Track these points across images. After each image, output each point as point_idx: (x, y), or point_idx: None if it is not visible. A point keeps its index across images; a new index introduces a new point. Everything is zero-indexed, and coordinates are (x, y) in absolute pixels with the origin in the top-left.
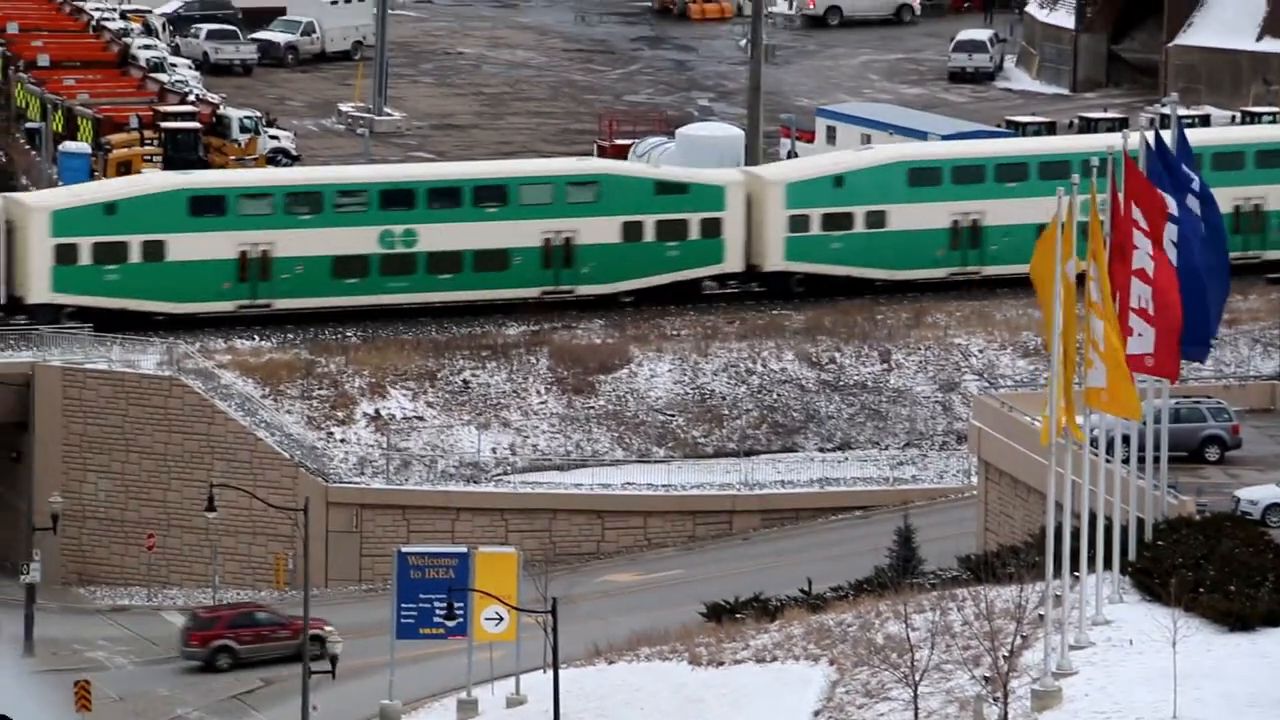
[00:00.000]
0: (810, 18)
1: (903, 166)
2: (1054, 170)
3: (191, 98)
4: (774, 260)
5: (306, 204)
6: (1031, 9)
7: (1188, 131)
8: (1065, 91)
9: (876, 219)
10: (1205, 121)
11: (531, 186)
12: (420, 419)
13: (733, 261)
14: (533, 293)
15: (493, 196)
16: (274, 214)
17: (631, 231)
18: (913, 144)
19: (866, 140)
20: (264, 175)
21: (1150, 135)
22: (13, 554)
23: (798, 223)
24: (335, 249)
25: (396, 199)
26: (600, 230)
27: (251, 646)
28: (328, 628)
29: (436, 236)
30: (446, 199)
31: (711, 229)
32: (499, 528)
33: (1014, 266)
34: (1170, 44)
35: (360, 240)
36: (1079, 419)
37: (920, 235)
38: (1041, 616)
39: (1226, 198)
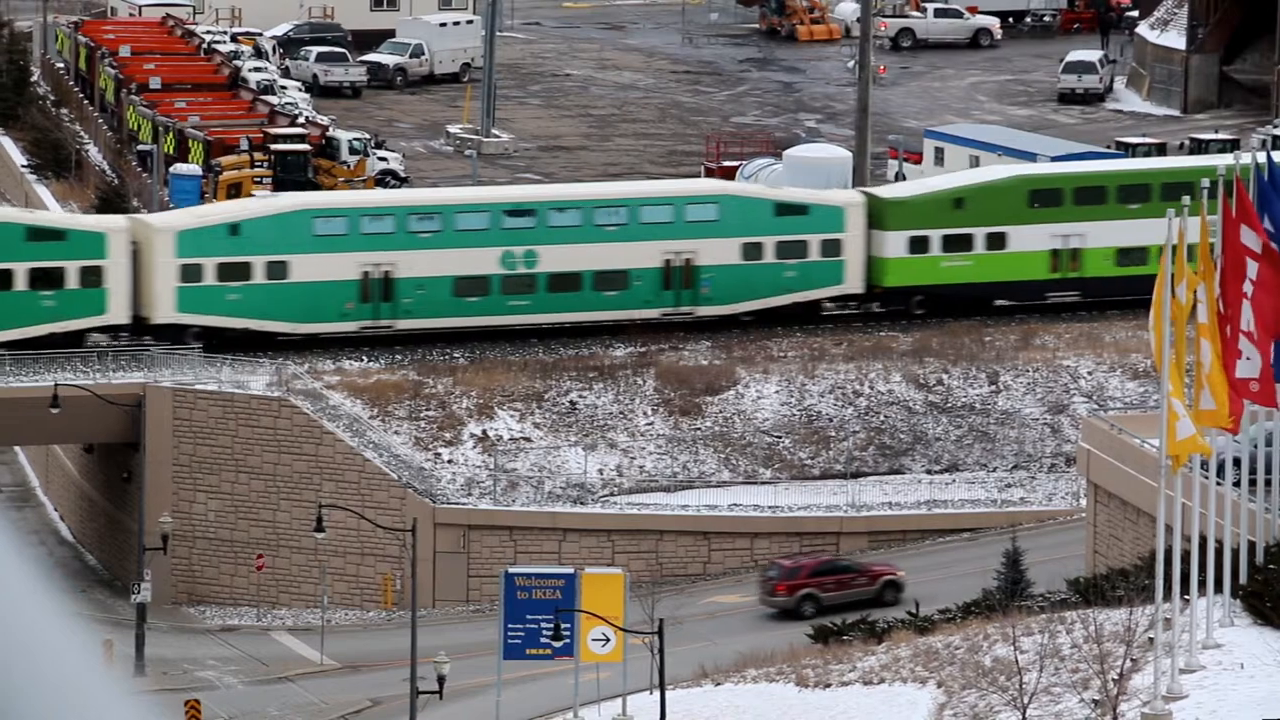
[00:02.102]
0: (890, 41)
1: (306, 215)
2: (469, 220)
3: (301, 120)
4: (164, 312)
5: None
6: (1142, 30)
7: None
8: (1176, 113)
9: (278, 270)
10: None
11: None
12: (527, 440)
13: (117, 313)
14: None
15: None
16: None
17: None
18: (318, 193)
19: (975, 162)
20: None
21: (1261, 157)
22: (124, 574)
23: (190, 272)
24: None
25: None
26: None
27: (834, 594)
28: (899, 572)
29: None
30: None
31: (92, 278)
32: (605, 549)
33: (429, 320)
34: None
35: None
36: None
37: (326, 287)
38: (1151, 640)
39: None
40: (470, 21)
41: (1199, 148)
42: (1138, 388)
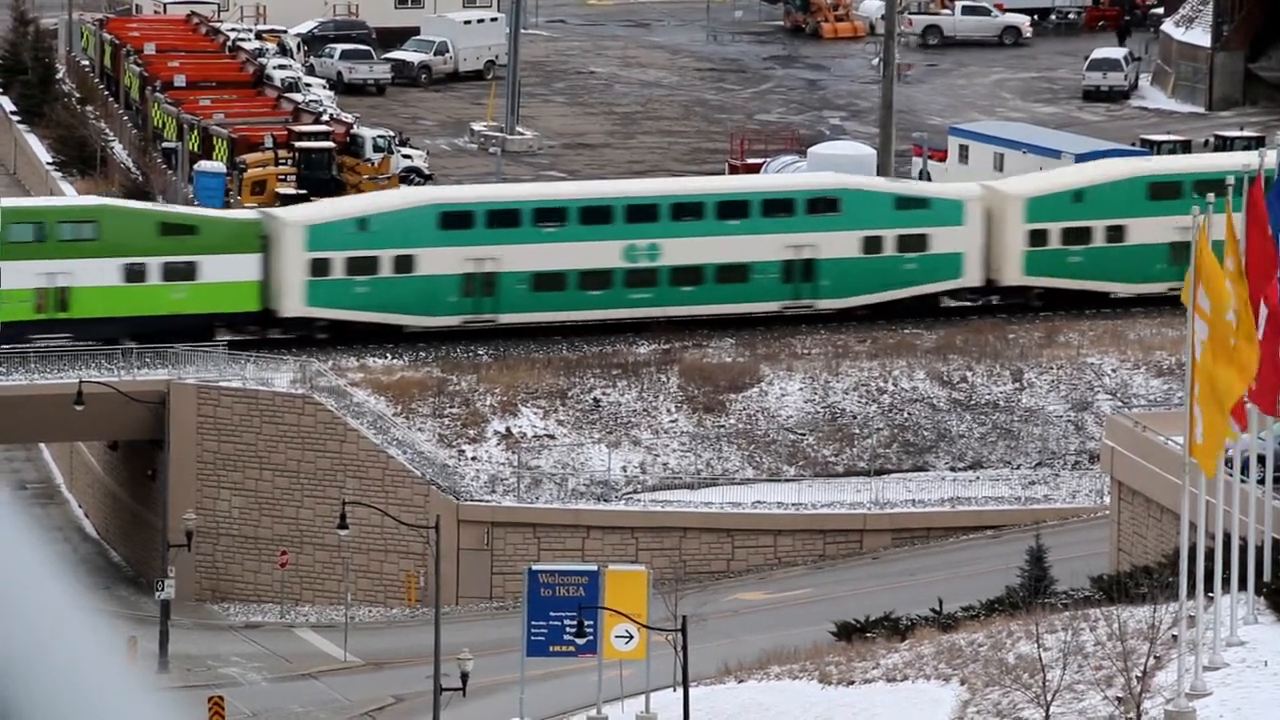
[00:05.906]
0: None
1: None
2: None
3: (326, 117)
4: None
5: None
6: (1167, 27)
7: None
8: (1201, 110)
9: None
10: None
11: None
12: (551, 437)
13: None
14: None
15: None
16: None
17: None
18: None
19: (1000, 160)
20: None
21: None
22: (148, 570)
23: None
24: None
25: None
26: None
27: None
28: None
29: None
30: None
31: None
32: (629, 546)
33: None
34: None
35: None
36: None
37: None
38: (1175, 637)
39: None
40: (494, 19)
41: (1223, 145)
42: (1161, 385)
